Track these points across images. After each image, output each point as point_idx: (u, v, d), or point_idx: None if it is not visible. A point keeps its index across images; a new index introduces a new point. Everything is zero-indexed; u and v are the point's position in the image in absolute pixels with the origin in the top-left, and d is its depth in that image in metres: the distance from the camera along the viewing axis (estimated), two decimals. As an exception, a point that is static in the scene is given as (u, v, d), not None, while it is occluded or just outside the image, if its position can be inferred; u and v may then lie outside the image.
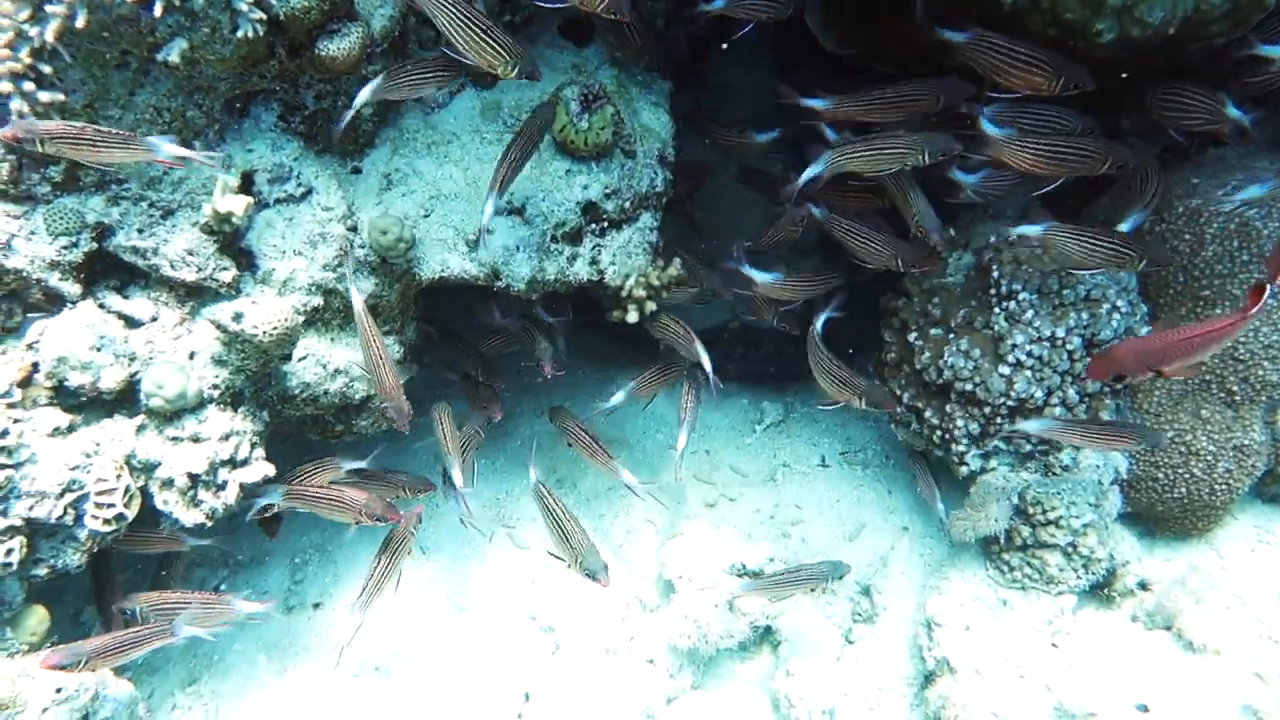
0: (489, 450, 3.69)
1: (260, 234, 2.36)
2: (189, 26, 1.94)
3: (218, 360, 2.25)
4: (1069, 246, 2.56)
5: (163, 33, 1.94)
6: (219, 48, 2.01)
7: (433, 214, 2.61)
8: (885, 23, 3.32)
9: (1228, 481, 2.89)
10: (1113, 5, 2.50)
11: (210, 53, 2.01)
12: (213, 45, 2.00)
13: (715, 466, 3.64)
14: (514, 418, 3.80)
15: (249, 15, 1.95)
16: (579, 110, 2.67)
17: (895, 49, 3.37)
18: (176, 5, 1.85)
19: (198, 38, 1.97)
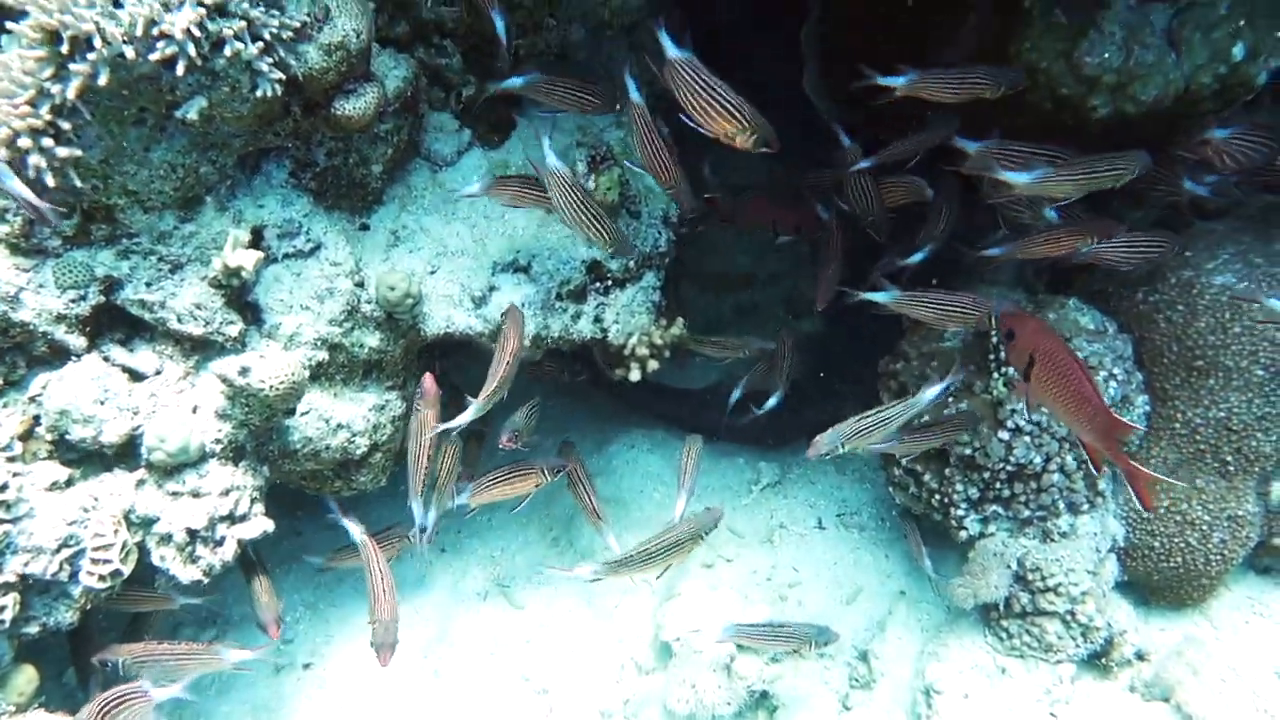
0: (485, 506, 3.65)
1: (268, 288, 2.36)
2: (209, 85, 1.97)
3: (221, 414, 2.23)
4: (920, 312, 2.65)
5: (183, 91, 1.96)
6: (237, 106, 2.03)
7: (439, 270, 2.62)
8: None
9: (1222, 552, 2.90)
10: (1108, 83, 2.58)
11: (228, 111, 2.03)
12: (231, 104, 2.02)
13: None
14: (508, 473, 3.78)
15: (269, 75, 1.97)
16: (586, 171, 2.71)
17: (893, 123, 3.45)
18: (199, 65, 1.87)
19: (217, 96, 1.99)
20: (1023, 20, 2.61)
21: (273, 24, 1.95)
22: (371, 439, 2.59)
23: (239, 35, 1.90)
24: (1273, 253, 2.88)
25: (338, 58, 2.10)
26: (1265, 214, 3.01)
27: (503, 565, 3.48)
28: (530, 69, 2.59)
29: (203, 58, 1.88)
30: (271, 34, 1.95)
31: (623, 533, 3.56)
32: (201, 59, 1.88)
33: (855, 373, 3.75)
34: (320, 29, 2.08)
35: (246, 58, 1.92)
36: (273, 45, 1.98)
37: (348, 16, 2.09)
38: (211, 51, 1.89)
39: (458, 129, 2.79)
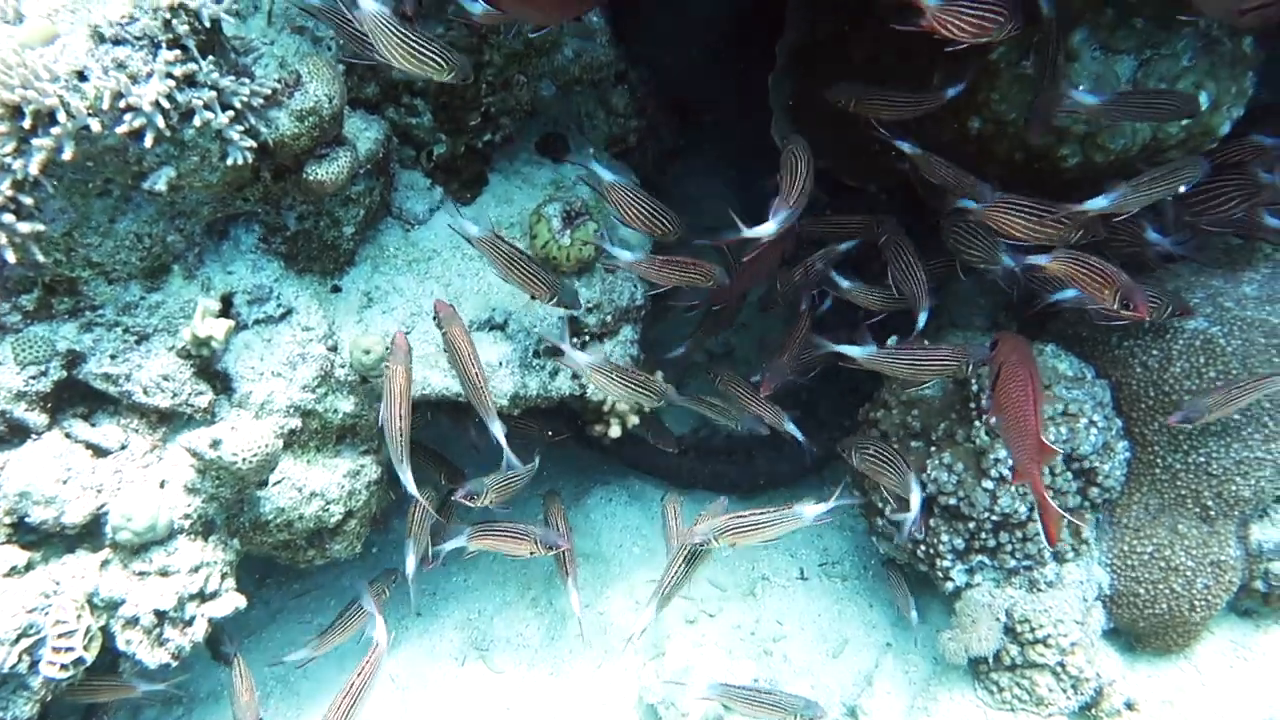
0: (460, 567, 3.58)
1: (238, 356, 2.30)
2: (178, 155, 1.92)
3: (191, 488, 2.16)
4: (897, 368, 2.67)
5: (150, 161, 1.91)
6: (207, 175, 1.98)
7: (413, 331, 2.57)
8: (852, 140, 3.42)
9: (1206, 597, 2.89)
10: (1077, 133, 2.61)
11: (198, 180, 1.98)
12: (201, 173, 1.97)
13: (693, 581, 3.56)
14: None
15: (239, 144, 1.93)
16: (560, 227, 2.68)
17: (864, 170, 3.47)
18: (167, 135, 1.82)
19: (186, 166, 1.94)
20: (990, 71, 2.64)
21: (243, 92, 1.91)
22: (346, 506, 2.52)
23: (209, 105, 1.85)
24: (1243, 296, 2.91)
25: (310, 124, 2.06)
26: (1231, 255, 3.05)
27: (480, 628, 3.40)
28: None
29: (171, 129, 1.83)
30: (242, 102, 1.91)
31: (603, 589, 3.51)
32: (170, 130, 1.83)
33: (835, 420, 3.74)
34: (292, 95, 2.05)
35: (216, 127, 1.88)
36: (243, 113, 1.94)
37: (320, 82, 2.06)
38: (180, 122, 1.85)
39: (429, 187, 2.77)
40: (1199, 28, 2.51)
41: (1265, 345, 2.80)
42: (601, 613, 3.40)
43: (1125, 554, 2.87)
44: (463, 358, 2.28)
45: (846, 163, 3.54)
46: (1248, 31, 2.49)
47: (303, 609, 3.38)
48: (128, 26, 1.75)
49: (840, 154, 3.52)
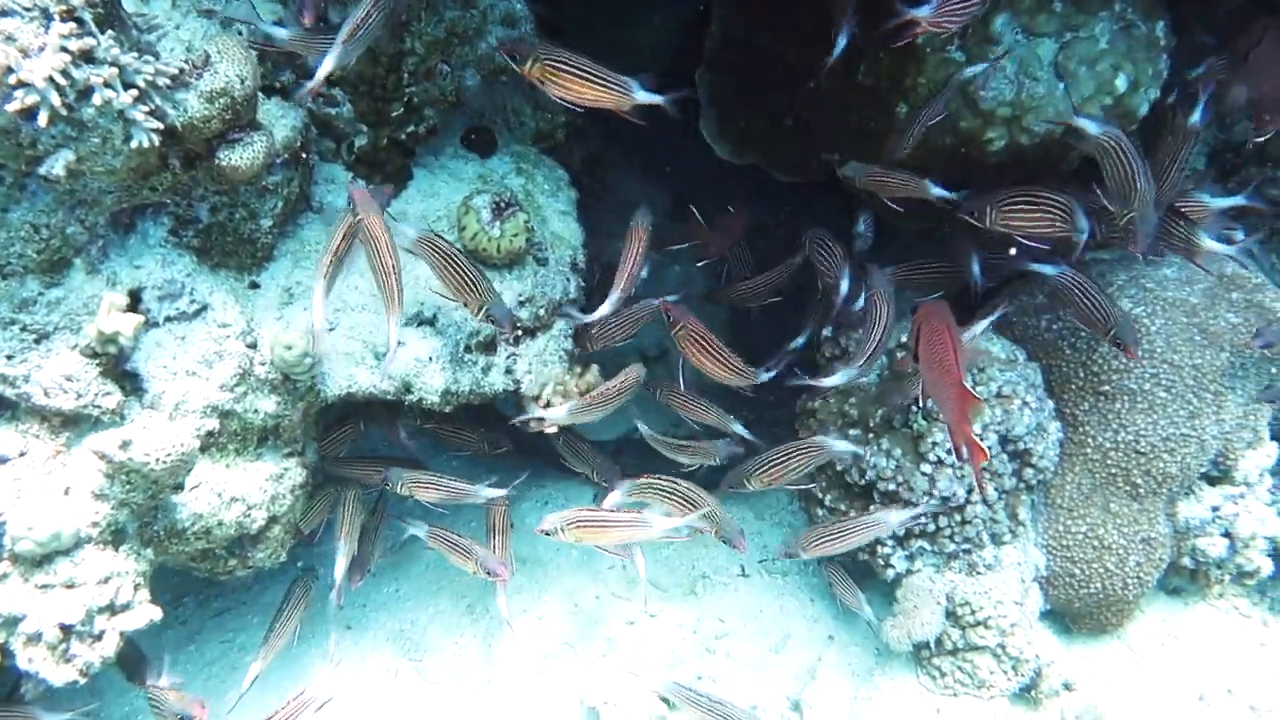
0: (391, 577, 3.47)
1: (149, 355, 2.17)
2: (76, 137, 1.80)
3: (99, 494, 2.02)
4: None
5: (46, 144, 1.79)
6: (109, 159, 1.87)
7: (338, 327, 2.47)
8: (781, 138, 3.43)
9: (1139, 575, 2.94)
10: (1002, 115, 2.63)
11: (99, 165, 1.87)
12: (102, 157, 1.86)
13: (633, 582, 3.50)
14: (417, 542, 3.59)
15: (144, 125, 1.82)
16: (490, 219, 2.61)
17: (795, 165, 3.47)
18: (64, 115, 1.71)
19: (86, 149, 1.82)
20: (916, 56, 2.66)
21: (146, 70, 1.81)
22: (269, 511, 2.40)
23: (109, 83, 1.74)
24: (1164, 278, 2.97)
25: (221, 105, 1.96)
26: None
27: (413, 639, 3.28)
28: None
29: (68, 107, 1.72)
30: (146, 80, 1.81)
31: (540, 594, 3.42)
32: (67, 109, 1.72)
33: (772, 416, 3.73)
34: (200, 75, 1.94)
35: (118, 106, 1.77)
36: (147, 93, 1.83)
37: (230, 62, 1.96)
38: (78, 101, 1.74)
39: (351, 181, 2.67)
40: (1114, 10, 2.56)
41: (1187, 324, 2.87)
42: (540, 618, 3.31)
43: (1060, 534, 2.90)
44: (380, 246, 2.13)
45: (777, 158, 3.54)
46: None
47: (223, 627, 3.22)
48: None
49: (771, 149, 3.53)
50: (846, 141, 3.09)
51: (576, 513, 2.48)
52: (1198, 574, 3.10)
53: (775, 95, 3.36)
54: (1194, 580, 3.14)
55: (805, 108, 3.21)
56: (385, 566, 3.42)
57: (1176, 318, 2.86)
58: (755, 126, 3.54)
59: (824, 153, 3.24)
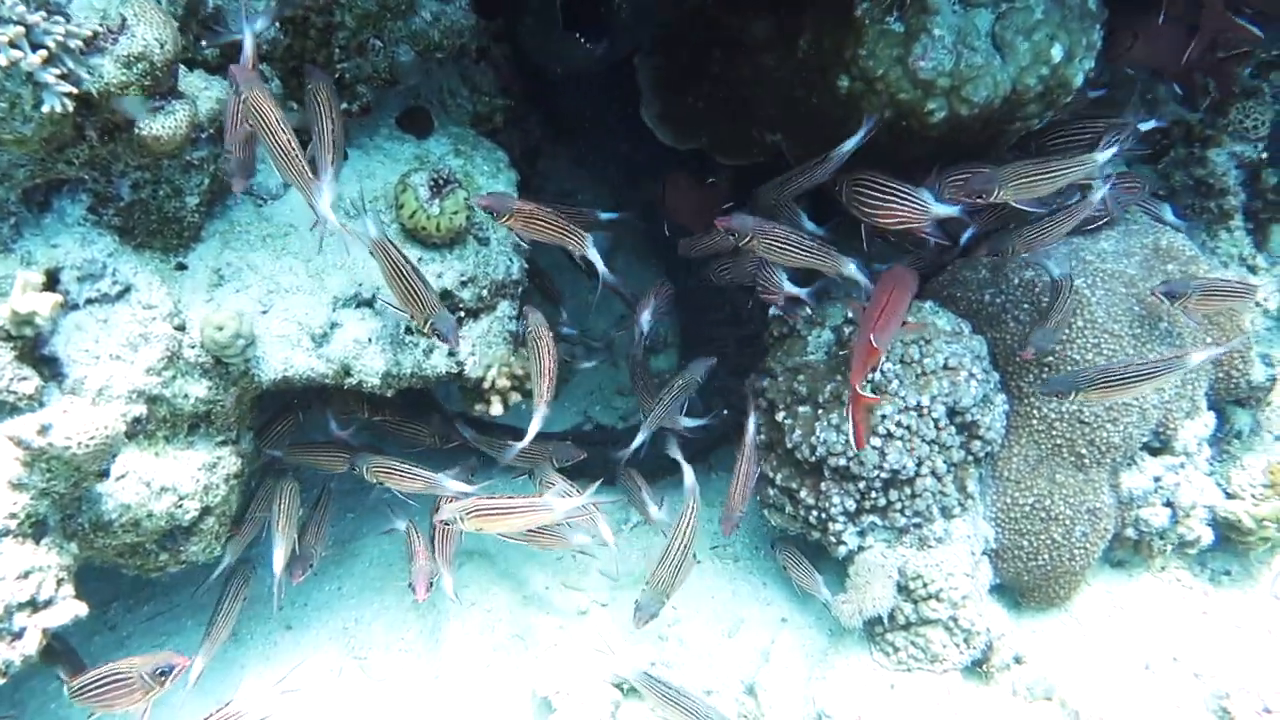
0: (333, 575, 3.37)
1: (68, 338, 2.07)
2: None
3: (16, 484, 1.91)
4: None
5: (-52, 109, 1.69)
6: (18, 126, 1.77)
7: (272, 310, 2.38)
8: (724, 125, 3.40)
9: (1085, 545, 2.96)
10: (942, 85, 2.64)
11: (7, 132, 1.77)
12: (11, 123, 1.76)
13: (584, 572, 3.45)
14: (361, 538, 3.51)
15: (55, 88, 1.73)
16: (428, 196, 2.54)
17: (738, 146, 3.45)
18: (-33, 76, 1.62)
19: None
20: (856, 28, 2.65)
21: (56, 30, 1.72)
22: (202, 501, 2.30)
23: (14, 42, 1.65)
24: (1102, 251, 3.01)
25: (139, 70, 1.87)
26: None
27: (357, 636, 3.19)
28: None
29: (-28, 68, 1.62)
30: (56, 42, 1.71)
31: (489, 586, 3.36)
32: (-30, 69, 1.62)
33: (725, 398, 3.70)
34: (116, 40, 1.85)
35: (26, 68, 1.68)
36: (58, 55, 1.74)
37: (148, 25, 1.87)
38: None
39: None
40: None
41: (1125, 294, 2.90)
42: (488, 610, 3.25)
43: (1008, 506, 2.92)
44: (269, 124, 2.01)
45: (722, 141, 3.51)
46: None
47: (155, 631, 3.09)
48: (-88, -52, 1.54)
49: (715, 132, 3.50)
50: (789, 119, 3.08)
51: (475, 501, 2.43)
52: (1141, 545, 3.13)
53: (717, 75, 3.33)
54: (1137, 551, 3.18)
55: (746, 86, 3.19)
56: (327, 564, 3.32)
57: (1115, 288, 2.90)
58: (697, 109, 3.51)
59: (767, 132, 3.23)
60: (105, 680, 2.08)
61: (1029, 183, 2.62)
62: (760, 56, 3.07)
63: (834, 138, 2.91)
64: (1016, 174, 2.61)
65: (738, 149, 3.49)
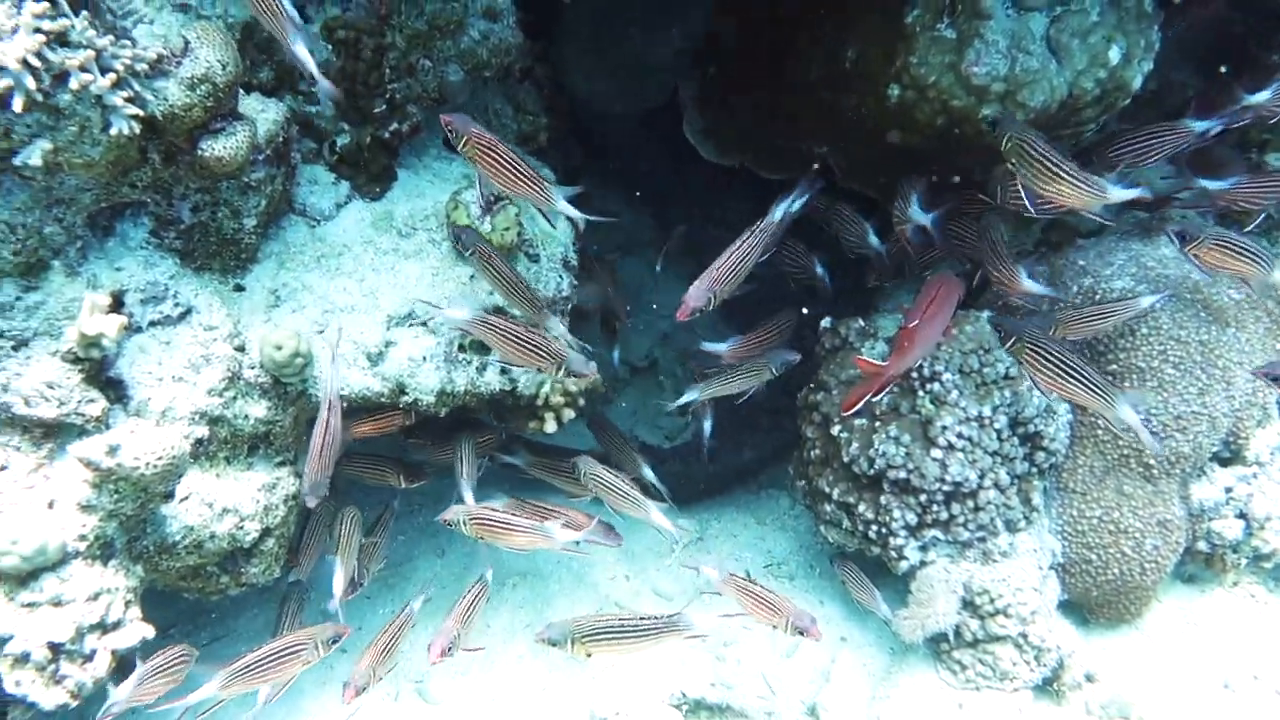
0: (384, 597, 3.36)
1: (132, 361, 2.08)
2: (53, 125, 1.72)
3: (86, 505, 1.92)
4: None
5: (21, 134, 1.71)
6: (87, 149, 1.79)
7: (327, 329, 2.39)
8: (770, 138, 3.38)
9: (1156, 559, 2.87)
10: (997, 91, 2.60)
11: (76, 155, 1.79)
12: (80, 146, 1.78)
13: (638, 592, 3.41)
14: (412, 560, 3.50)
15: (123, 111, 1.75)
16: (479, 213, 2.54)
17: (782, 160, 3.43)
18: (39, 100, 1.64)
19: (63, 138, 1.74)
20: (906, 35, 2.63)
21: (124, 54, 1.74)
22: (263, 522, 2.30)
23: (85, 66, 1.67)
24: (1161, 256, 2.94)
25: (203, 92, 1.89)
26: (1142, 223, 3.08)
27: (413, 660, 3.17)
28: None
29: (44, 92, 1.64)
30: (124, 65, 1.73)
31: (543, 608, 3.32)
32: (42, 94, 1.64)
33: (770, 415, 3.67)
34: (180, 62, 1.88)
35: (96, 91, 1.70)
36: (125, 79, 1.76)
37: (211, 47, 1.90)
38: (54, 85, 1.66)
39: (334, 181, 2.60)
40: None
41: (1190, 300, 2.83)
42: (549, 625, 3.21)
43: (1075, 519, 2.84)
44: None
45: (765, 155, 3.50)
46: None
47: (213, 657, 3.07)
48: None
49: (758, 146, 3.49)
50: (835, 131, 3.06)
51: (481, 509, 2.44)
52: (1213, 559, 3.04)
53: (760, 90, 3.32)
54: (1209, 565, 3.08)
55: (790, 100, 3.18)
56: (380, 587, 3.31)
57: (1180, 294, 2.83)
58: (741, 124, 3.50)
59: (812, 145, 3.20)
60: (274, 655, 2.19)
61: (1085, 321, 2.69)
62: (804, 69, 3.06)
63: (882, 148, 2.89)
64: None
65: (782, 163, 3.47)
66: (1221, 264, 2.61)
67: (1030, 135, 2.32)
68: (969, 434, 2.62)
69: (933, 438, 2.62)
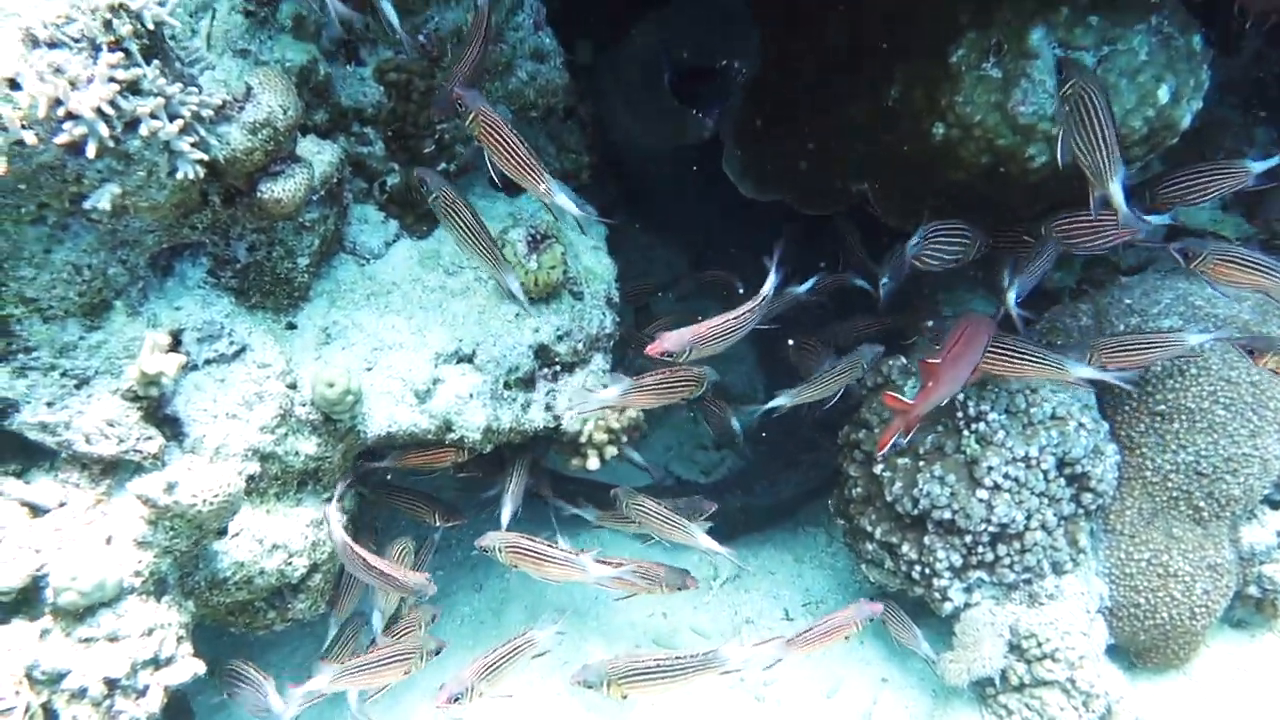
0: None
1: (188, 398, 2.12)
2: (122, 170, 1.77)
3: (142, 542, 1.95)
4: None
5: (91, 179, 1.76)
6: (154, 193, 1.83)
7: (376, 366, 2.42)
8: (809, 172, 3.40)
9: (1206, 603, 2.83)
10: (1043, 130, 2.60)
11: (143, 199, 1.83)
12: (147, 191, 1.82)
13: (675, 629, 3.39)
14: (452, 594, 3.50)
15: (189, 156, 1.79)
16: (526, 251, 2.57)
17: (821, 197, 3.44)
18: (111, 146, 1.68)
19: (132, 182, 1.78)
20: (952, 75, 2.63)
21: (191, 101, 1.78)
22: (311, 558, 2.32)
23: (155, 113, 1.71)
24: (1209, 295, 2.91)
25: (264, 136, 1.93)
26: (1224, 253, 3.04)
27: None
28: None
29: (115, 139, 1.69)
30: (191, 111, 1.78)
31: (581, 644, 3.32)
32: (114, 140, 1.68)
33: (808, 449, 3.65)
34: (242, 108, 1.92)
35: (164, 137, 1.74)
36: (191, 124, 1.80)
37: (272, 92, 1.94)
38: (125, 132, 1.70)
39: (383, 220, 2.64)
40: (1151, 24, 2.54)
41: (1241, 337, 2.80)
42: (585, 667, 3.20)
43: (1123, 562, 2.80)
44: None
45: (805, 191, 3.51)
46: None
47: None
48: (64, 28, 1.61)
49: (797, 183, 3.50)
50: (876, 167, 3.06)
51: (518, 538, 2.44)
52: (1264, 604, 2.98)
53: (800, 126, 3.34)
54: (1259, 610, 3.03)
55: (831, 136, 3.19)
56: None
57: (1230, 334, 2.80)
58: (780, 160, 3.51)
59: (852, 182, 3.21)
60: (382, 660, 2.32)
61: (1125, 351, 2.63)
62: (845, 106, 3.07)
63: (925, 186, 2.89)
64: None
65: (821, 199, 3.48)
66: (1231, 278, 2.58)
67: (1095, 86, 2.30)
68: (1015, 474, 2.60)
69: (978, 478, 2.60)
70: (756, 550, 3.81)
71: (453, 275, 2.63)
